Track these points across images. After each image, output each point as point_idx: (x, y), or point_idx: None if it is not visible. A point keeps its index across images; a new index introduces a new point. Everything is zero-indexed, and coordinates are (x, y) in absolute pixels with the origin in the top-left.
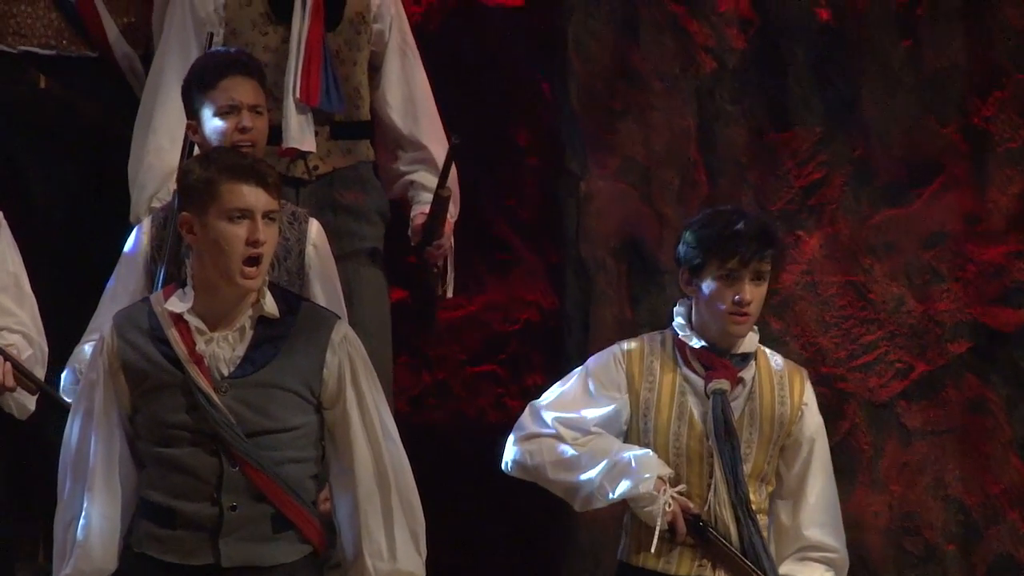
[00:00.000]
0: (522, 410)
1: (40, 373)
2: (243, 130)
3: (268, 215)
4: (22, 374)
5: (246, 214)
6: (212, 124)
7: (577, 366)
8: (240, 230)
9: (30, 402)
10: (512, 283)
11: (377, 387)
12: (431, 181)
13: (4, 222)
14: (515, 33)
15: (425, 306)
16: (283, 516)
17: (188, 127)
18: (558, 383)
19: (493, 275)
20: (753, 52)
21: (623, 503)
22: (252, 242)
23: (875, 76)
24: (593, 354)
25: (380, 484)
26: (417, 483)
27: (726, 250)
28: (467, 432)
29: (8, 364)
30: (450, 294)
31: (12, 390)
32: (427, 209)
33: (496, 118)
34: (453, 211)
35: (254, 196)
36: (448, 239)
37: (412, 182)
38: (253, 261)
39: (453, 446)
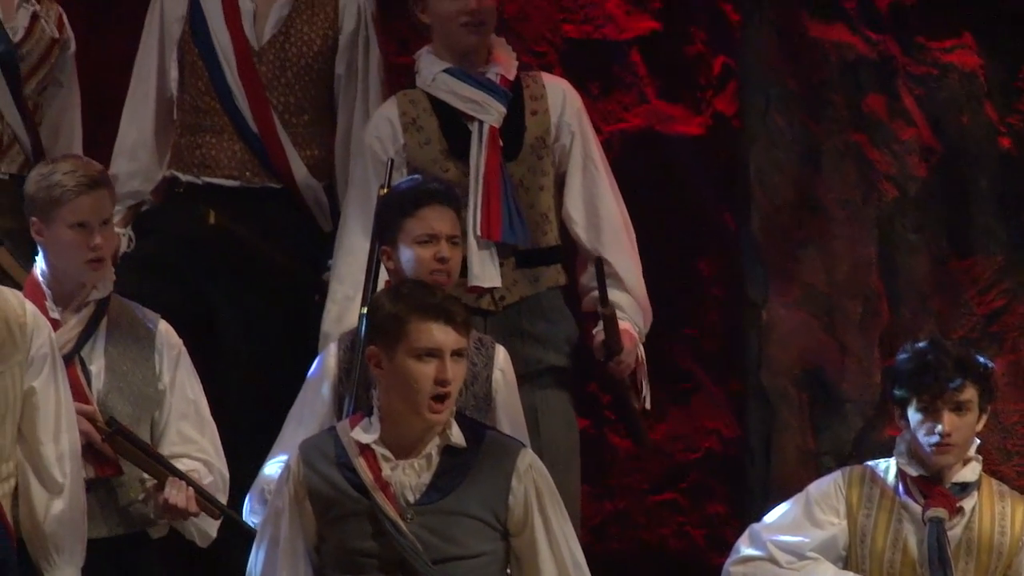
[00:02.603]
0: (704, 540)
1: (221, 500)
2: (441, 260)
3: (456, 353)
4: (205, 499)
5: (434, 353)
6: (409, 252)
7: (759, 496)
8: (428, 369)
9: (212, 528)
10: (694, 412)
11: (564, 515)
12: (612, 296)
13: (184, 351)
14: (697, 162)
15: (628, 423)
16: None
17: (383, 252)
18: (779, 506)
19: (675, 404)
20: (935, 180)
21: None
22: (440, 381)
23: None
24: (775, 483)
25: None
26: None
27: (920, 384)
28: (649, 561)
29: (191, 489)
30: (648, 406)
31: (196, 515)
32: None
33: (678, 247)
34: (641, 325)
35: (443, 335)
36: (631, 355)
37: (597, 298)
38: (441, 398)
39: (635, 575)
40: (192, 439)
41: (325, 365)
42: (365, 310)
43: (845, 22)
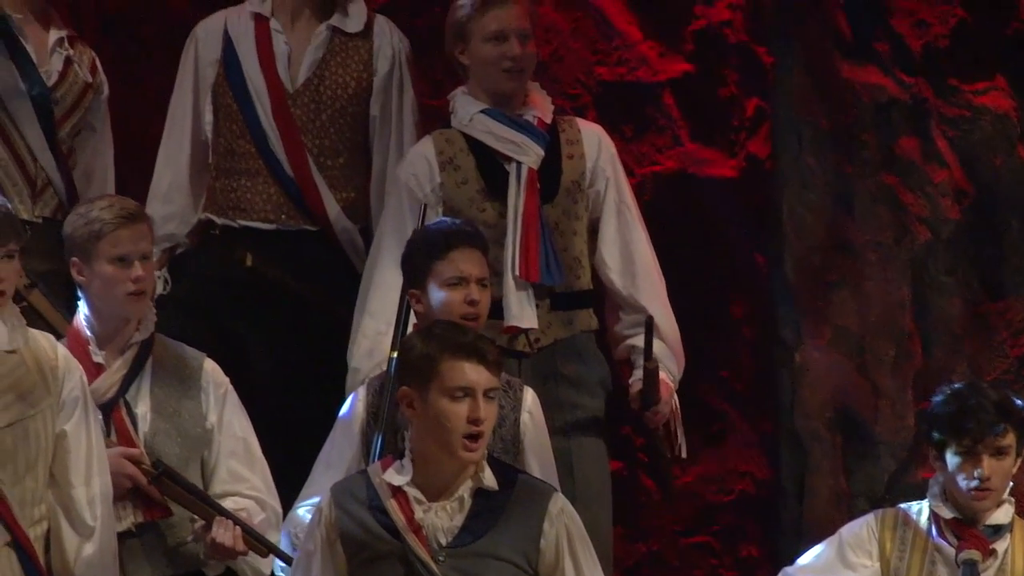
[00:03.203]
0: None
1: (275, 536)
2: (471, 303)
3: (489, 392)
4: (253, 538)
5: (467, 392)
6: (439, 295)
7: (792, 537)
8: (461, 408)
9: (264, 566)
10: (726, 454)
11: (594, 560)
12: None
13: (231, 388)
14: (729, 204)
15: (657, 470)
16: None
17: (411, 296)
18: (812, 548)
19: (707, 446)
20: (967, 222)
21: None
22: (473, 420)
23: None
24: (808, 525)
25: None
26: None
27: (961, 428)
28: None
29: (238, 528)
30: (684, 454)
31: (244, 554)
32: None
33: (710, 288)
34: (675, 372)
35: (476, 374)
36: (667, 404)
37: (632, 347)
38: (474, 437)
39: None
40: (243, 477)
41: (354, 409)
42: (395, 354)
43: (877, 64)
